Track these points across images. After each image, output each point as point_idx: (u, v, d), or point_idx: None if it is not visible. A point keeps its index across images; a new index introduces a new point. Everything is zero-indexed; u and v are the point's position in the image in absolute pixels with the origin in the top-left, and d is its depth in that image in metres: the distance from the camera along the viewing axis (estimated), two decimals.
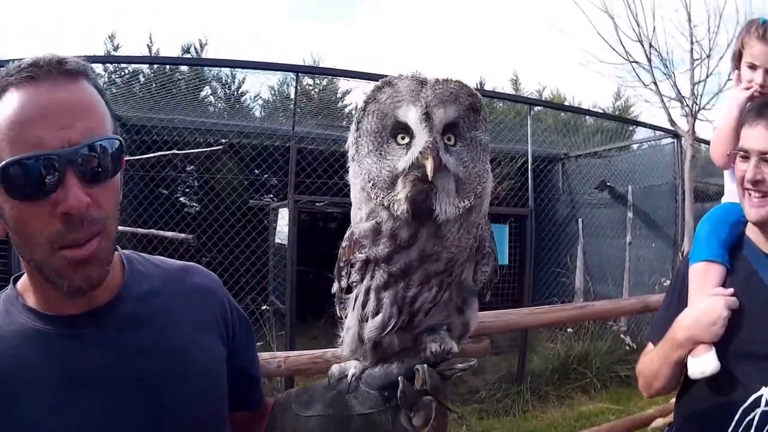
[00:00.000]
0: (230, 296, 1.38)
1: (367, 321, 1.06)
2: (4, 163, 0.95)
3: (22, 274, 1.15)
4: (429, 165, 0.93)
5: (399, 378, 1.04)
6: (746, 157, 1.72)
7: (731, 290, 1.75)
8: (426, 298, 1.03)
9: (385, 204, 0.96)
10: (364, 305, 1.05)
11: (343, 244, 1.08)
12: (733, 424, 1.65)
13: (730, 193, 1.93)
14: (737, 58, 2.10)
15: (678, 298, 1.92)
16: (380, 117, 1.00)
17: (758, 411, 1.62)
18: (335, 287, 1.13)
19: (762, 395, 1.63)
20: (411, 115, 0.96)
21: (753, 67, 2.01)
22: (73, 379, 1.06)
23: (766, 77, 2.00)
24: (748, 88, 2.02)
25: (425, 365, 1.03)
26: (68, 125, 0.97)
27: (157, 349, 1.16)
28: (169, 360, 1.17)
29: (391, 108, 0.99)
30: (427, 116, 0.95)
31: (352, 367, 1.14)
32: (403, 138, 0.99)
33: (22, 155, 0.94)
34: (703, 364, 1.71)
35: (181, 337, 1.21)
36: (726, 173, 2.06)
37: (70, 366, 1.07)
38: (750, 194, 1.71)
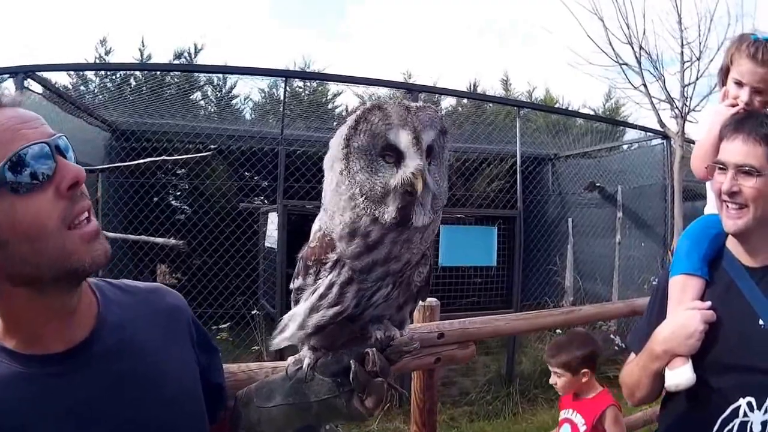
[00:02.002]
0: (193, 314, 1.42)
1: (317, 311, 1.13)
2: (6, 158, 1.00)
3: None
4: (419, 185, 1.04)
5: (351, 362, 1.13)
6: (724, 170, 1.75)
7: (708, 303, 1.78)
8: (382, 294, 1.13)
9: (376, 214, 1.05)
10: (321, 297, 1.12)
11: (312, 244, 1.15)
12: None
13: (712, 204, 1.93)
14: (725, 72, 2.08)
15: (658, 310, 1.95)
16: (371, 137, 1.07)
17: (737, 421, 1.66)
18: (298, 283, 1.19)
19: (740, 406, 1.66)
20: (403, 139, 1.06)
21: (740, 84, 2.00)
22: (62, 416, 1.08)
23: (753, 96, 1.98)
24: (733, 105, 2.00)
25: (374, 349, 1.12)
26: (37, 126, 1.06)
27: (140, 375, 1.18)
28: (153, 385, 1.19)
29: (382, 130, 1.06)
30: (417, 140, 1.05)
31: (306, 358, 1.22)
32: (390, 157, 1.08)
33: (22, 145, 1.02)
34: (678, 376, 1.74)
35: (161, 360, 1.24)
36: (708, 184, 2.04)
37: (58, 405, 1.08)
38: (727, 206, 1.74)
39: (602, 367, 7.07)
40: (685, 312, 1.78)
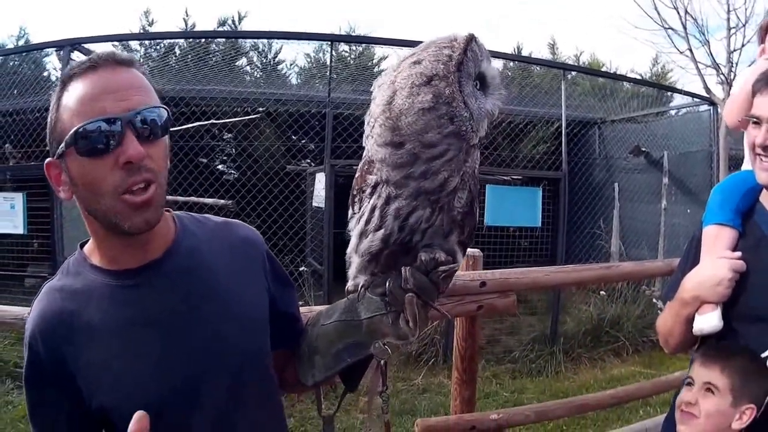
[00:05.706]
0: (268, 248, 1.52)
1: (366, 236, 1.19)
2: (78, 126, 1.14)
3: (88, 240, 1.34)
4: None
5: (388, 279, 1.20)
6: (758, 123, 1.74)
7: (739, 253, 1.79)
8: (420, 216, 1.15)
9: (474, 136, 1.14)
10: (367, 222, 1.18)
11: (357, 174, 1.21)
12: None
13: (749, 160, 1.91)
14: (765, 30, 2.11)
15: (692, 261, 1.95)
16: (474, 64, 1.13)
17: None
18: (350, 214, 1.25)
19: (767, 356, 1.67)
20: (492, 71, 1.17)
21: None
22: (137, 322, 1.24)
23: None
24: None
25: (409, 268, 1.16)
26: (126, 98, 1.17)
27: (209, 293, 1.32)
28: (220, 302, 1.32)
29: (477, 60, 1.14)
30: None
31: (362, 279, 1.28)
32: (476, 86, 1.15)
33: (93, 118, 1.14)
34: (704, 321, 1.77)
35: (229, 282, 1.36)
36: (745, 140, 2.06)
37: (134, 312, 1.24)
38: (761, 159, 1.74)
39: (646, 331, 7.11)
40: (715, 260, 1.80)
